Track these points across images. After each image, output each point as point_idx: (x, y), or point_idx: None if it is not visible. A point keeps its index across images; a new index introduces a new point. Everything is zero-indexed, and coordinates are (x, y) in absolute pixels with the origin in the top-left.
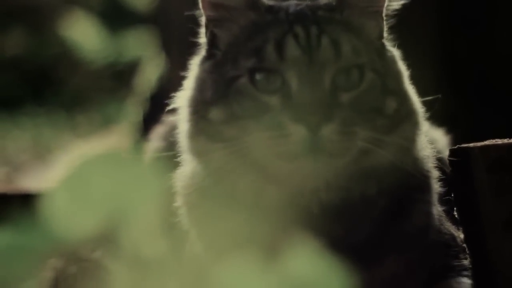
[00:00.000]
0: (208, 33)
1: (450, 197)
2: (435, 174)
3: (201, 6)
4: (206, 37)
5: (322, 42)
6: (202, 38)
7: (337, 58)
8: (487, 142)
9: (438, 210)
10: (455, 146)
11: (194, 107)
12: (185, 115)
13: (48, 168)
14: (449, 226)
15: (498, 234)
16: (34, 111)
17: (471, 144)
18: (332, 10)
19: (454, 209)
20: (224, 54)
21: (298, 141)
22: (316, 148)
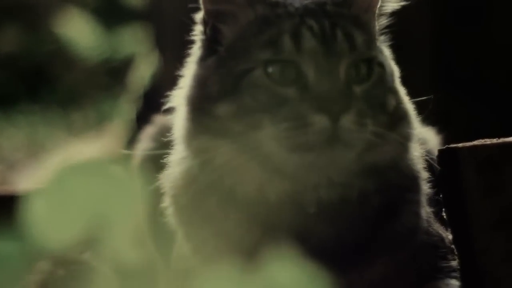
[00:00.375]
0: (208, 28)
1: (439, 197)
2: (424, 175)
3: (201, 1)
4: (205, 33)
5: (337, 34)
6: (198, 35)
7: (351, 50)
8: (476, 142)
9: (426, 211)
10: (444, 147)
11: (194, 105)
12: (183, 114)
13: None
14: (437, 227)
15: (486, 235)
16: (28, 109)
17: (460, 144)
18: (339, 5)
19: (443, 209)
20: (229, 49)
21: (318, 131)
22: (335, 138)
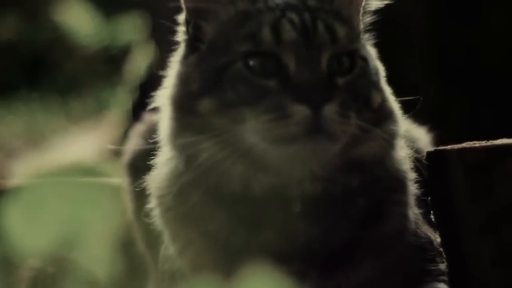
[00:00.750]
0: (190, 27)
1: (427, 198)
2: (412, 175)
3: (182, 0)
4: (187, 32)
5: (317, 26)
6: (181, 35)
7: (333, 42)
8: (465, 145)
9: (414, 212)
10: (433, 149)
11: (178, 103)
12: (167, 113)
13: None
14: (425, 229)
15: (474, 238)
16: (28, 96)
17: (449, 146)
18: (321, 0)
19: (431, 212)
20: (210, 45)
21: (299, 121)
22: (317, 128)
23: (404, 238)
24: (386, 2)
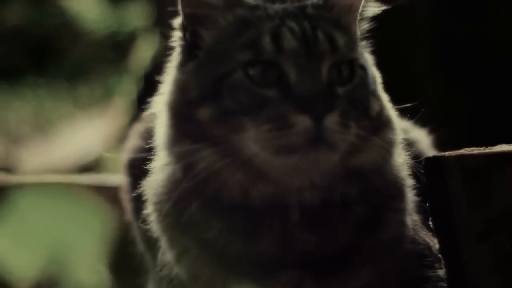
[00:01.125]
0: (188, 33)
1: (425, 204)
2: (410, 182)
3: (180, 6)
4: (185, 38)
5: (318, 35)
6: (177, 41)
7: (333, 52)
8: (463, 151)
9: (412, 219)
10: (431, 155)
11: (175, 111)
12: (164, 120)
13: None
14: (424, 235)
15: (473, 244)
16: (35, 82)
17: (447, 153)
18: (320, 8)
19: (430, 218)
20: (208, 53)
21: (301, 131)
22: (318, 139)
23: (402, 245)
24: (382, 8)
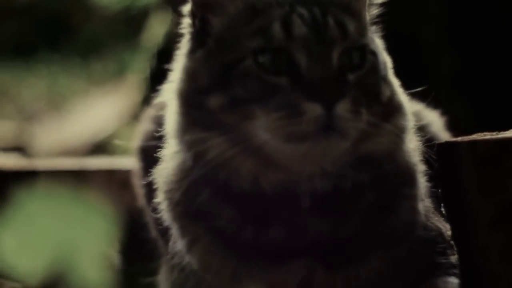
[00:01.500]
0: (197, 20)
1: (437, 190)
2: (421, 168)
3: None
4: (194, 25)
5: (328, 21)
6: (186, 28)
7: (344, 38)
8: (475, 136)
9: (425, 205)
10: (443, 141)
11: (185, 98)
12: (174, 108)
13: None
14: (436, 221)
15: (485, 231)
16: (48, 58)
17: (459, 138)
18: None
19: (442, 205)
20: (218, 40)
21: (312, 119)
22: (329, 126)
23: (414, 231)
24: None
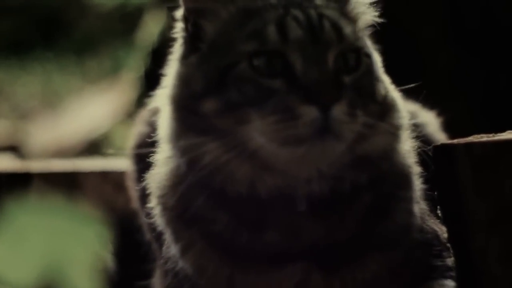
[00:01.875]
0: (189, 25)
1: (434, 193)
2: (417, 170)
3: None
4: (186, 30)
5: (324, 24)
6: (179, 32)
7: (339, 40)
8: (472, 138)
9: (420, 207)
10: (439, 143)
11: (179, 104)
12: (168, 113)
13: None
14: (431, 223)
15: (482, 234)
16: (43, 56)
17: (455, 140)
18: None
19: (438, 207)
20: (211, 45)
21: (308, 122)
22: (326, 129)
23: (409, 234)
24: None
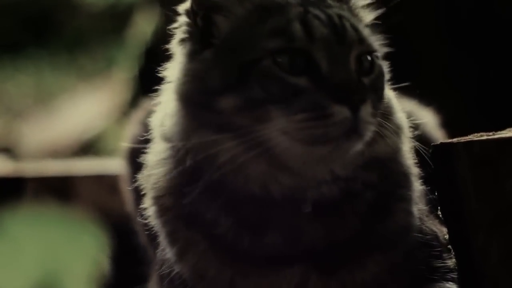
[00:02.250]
0: (199, 19)
1: (433, 194)
2: (415, 170)
3: None
4: (194, 24)
5: (345, 24)
6: (183, 26)
7: (360, 42)
8: (471, 137)
9: (419, 208)
10: (438, 142)
11: (190, 100)
12: (174, 110)
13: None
14: (431, 224)
15: (483, 234)
16: (36, 55)
17: (455, 139)
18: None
19: (438, 208)
20: (227, 41)
21: (338, 122)
22: (353, 129)
23: (409, 234)
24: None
